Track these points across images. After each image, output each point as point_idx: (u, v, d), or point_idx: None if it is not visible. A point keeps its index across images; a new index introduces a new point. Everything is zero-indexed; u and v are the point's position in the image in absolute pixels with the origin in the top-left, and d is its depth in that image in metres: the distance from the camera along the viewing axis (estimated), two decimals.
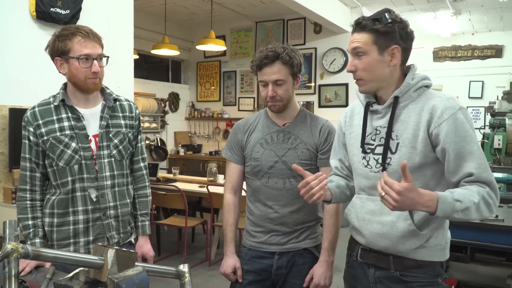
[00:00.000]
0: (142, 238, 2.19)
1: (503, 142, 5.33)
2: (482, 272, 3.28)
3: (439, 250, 1.65)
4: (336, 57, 7.44)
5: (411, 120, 1.60)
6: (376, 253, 1.70)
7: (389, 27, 1.58)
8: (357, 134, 1.76)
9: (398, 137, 1.61)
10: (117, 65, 2.40)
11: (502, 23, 7.76)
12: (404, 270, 1.64)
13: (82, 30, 1.89)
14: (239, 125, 2.20)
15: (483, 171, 1.51)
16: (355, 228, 1.77)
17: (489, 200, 1.49)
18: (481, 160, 1.52)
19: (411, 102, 1.62)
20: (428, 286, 1.63)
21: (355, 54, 1.62)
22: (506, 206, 3.31)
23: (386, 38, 1.59)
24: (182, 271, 1.30)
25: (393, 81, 1.65)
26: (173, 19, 8.17)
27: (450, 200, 1.44)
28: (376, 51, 1.59)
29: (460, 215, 1.46)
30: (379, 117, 1.69)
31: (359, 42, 1.60)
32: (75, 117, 1.95)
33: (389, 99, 1.64)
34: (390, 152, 1.62)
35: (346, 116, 1.87)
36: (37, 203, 1.99)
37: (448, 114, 1.53)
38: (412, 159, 1.57)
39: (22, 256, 0.96)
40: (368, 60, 1.60)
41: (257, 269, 2.09)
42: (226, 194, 2.19)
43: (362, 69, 1.62)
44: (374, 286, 1.72)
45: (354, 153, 1.76)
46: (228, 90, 8.85)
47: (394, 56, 1.61)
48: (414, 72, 1.67)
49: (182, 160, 8.46)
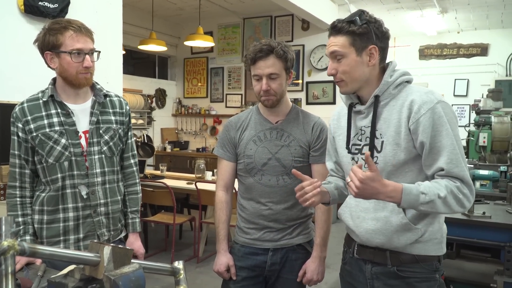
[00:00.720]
0: (132, 235, 2.17)
1: (488, 140, 5.39)
2: (469, 268, 3.32)
3: (436, 244, 1.66)
4: (324, 54, 7.45)
5: (393, 118, 1.62)
6: (373, 248, 1.71)
7: (365, 28, 1.60)
8: (344, 136, 1.77)
9: (382, 135, 1.63)
10: (106, 60, 2.37)
11: (488, 21, 7.84)
12: (401, 265, 1.65)
13: (74, 24, 1.86)
14: (231, 122, 2.19)
15: (454, 166, 1.52)
16: (350, 228, 1.78)
17: (459, 195, 1.51)
18: (454, 155, 1.53)
19: (392, 99, 1.64)
20: (425, 281, 1.64)
21: (334, 57, 1.65)
22: (493, 203, 3.35)
23: (363, 39, 1.61)
24: (177, 268, 1.30)
25: (373, 80, 1.67)
26: (160, 15, 8.11)
27: (415, 192, 1.48)
28: (354, 53, 1.61)
29: (426, 207, 1.49)
30: (363, 117, 1.71)
31: (337, 46, 1.62)
32: (65, 113, 1.92)
33: (370, 98, 1.66)
34: (376, 151, 1.64)
35: (334, 120, 1.90)
36: (27, 200, 1.96)
37: (425, 109, 1.55)
38: (397, 156, 1.59)
39: (19, 253, 0.94)
40: (347, 62, 1.62)
41: (250, 265, 2.09)
42: (218, 191, 2.19)
43: (342, 72, 1.64)
44: (371, 282, 1.72)
45: (343, 154, 1.78)
46: (216, 87, 8.82)
47: (372, 56, 1.63)
48: (392, 69, 1.68)
49: (169, 157, 8.42)
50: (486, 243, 2.93)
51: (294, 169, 1.72)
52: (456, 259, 3.49)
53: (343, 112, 1.84)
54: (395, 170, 1.61)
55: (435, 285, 1.65)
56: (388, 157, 1.60)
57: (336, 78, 1.67)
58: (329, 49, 1.65)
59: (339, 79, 1.66)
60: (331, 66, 1.67)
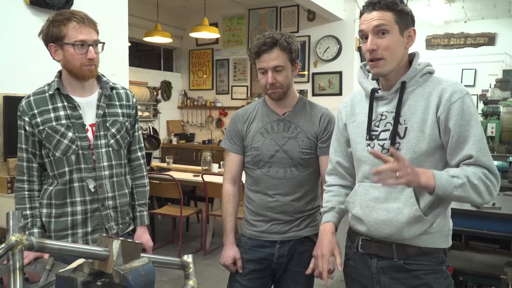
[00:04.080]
0: (140, 228, 2.17)
1: (496, 130, 5.36)
2: (478, 259, 3.30)
3: (443, 236, 1.64)
4: (330, 45, 7.40)
5: (419, 105, 1.59)
6: (378, 242, 1.69)
7: (407, 8, 1.57)
8: (360, 122, 1.74)
9: (406, 121, 1.60)
10: (112, 52, 2.36)
11: (495, 10, 7.76)
12: (408, 258, 1.63)
13: (77, 15, 1.83)
14: (238, 114, 2.18)
15: (482, 155, 1.51)
16: (357, 217, 1.74)
17: (487, 182, 1.50)
18: (482, 144, 1.53)
19: (418, 87, 1.62)
20: (433, 273, 1.62)
21: (377, 32, 1.56)
22: (502, 194, 3.33)
23: (407, 19, 1.59)
24: (187, 262, 1.28)
25: (402, 65, 1.64)
26: (165, 6, 8.08)
27: (446, 176, 1.47)
28: (397, 31, 1.57)
29: (460, 192, 1.47)
30: (385, 103, 1.68)
31: (383, 20, 1.55)
32: (71, 106, 1.91)
33: (396, 84, 1.63)
34: (399, 137, 1.61)
35: (347, 106, 1.84)
36: (35, 193, 1.95)
37: (456, 98, 1.53)
38: (420, 143, 1.57)
39: (27, 248, 0.93)
40: (391, 39, 1.56)
41: (258, 258, 2.08)
42: (226, 184, 2.17)
43: (385, 48, 1.56)
44: (377, 276, 1.70)
45: (358, 141, 1.74)
46: (221, 79, 8.79)
47: (411, 39, 1.61)
48: (419, 59, 1.66)
49: (175, 149, 8.42)
50: (496, 234, 2.91)
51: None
52: (465, 250, 3.47)
53: (357, 99, 1.81)
54: (415, 158, 1.57)
55: (442, 276, 1.63)
56: (411, 143, 1.58)
57: (376, 55, 1.57)
58: (372, 23, 1.55)
59: (380, 56, 1.57)
60: (373, 41, 1.56)
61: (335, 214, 1.84)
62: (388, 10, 1.56)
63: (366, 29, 1.59)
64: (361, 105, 1.77)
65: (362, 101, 1.77)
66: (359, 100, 1.80)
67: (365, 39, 1.61)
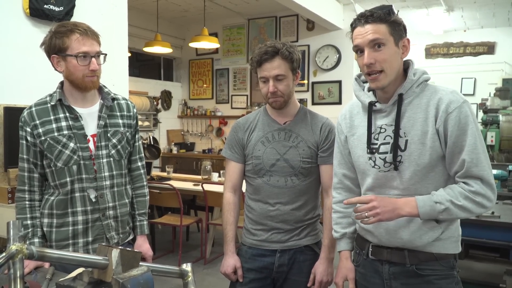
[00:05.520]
0: (140, 237, 2.17)
1: (496, 139, 5.37)
2: (478, 268, 3.29)
3: (453, 242, 1.65)
4: (329, 54, 7.44)
5: (418, 117, 1.59)
6: (389, 248, 1.68)
7: (400, 19, 1.57)
8: (360, 135, 1.74)
9: (406, 134, 1.60)
10: (112, 63, 2.37)
11: (495, 19, 7.79)
12: (420, 263, 1.63)
13: (80, 27, 1.85)
14: (239, 123, 2.19)
15: (474, 166, 1.52)
16: (366, 229, 1.73)
17: (476, 199, 1.52)
18: (475, 154, 1.52)
19: (415, 98, 1.62)
20: (445, 278, 1.62)
21: (373, 45, 1.55)
22: (501, 203, 3.33)
23: (400, 29, 1.58)
24: (186, 271, 1.29)
25: (398, 76, 1.63)
26: (165, 17, 8.13)
27: (429, 203, 1.52)
28: (393, 42, 1.57)
29: (445, 216, 1.53)
30: (383, 116, 1.67)
31: (378, 33, 1.54)
32: (73, 117, 1.92)
33: (393, 96, 1.63)
34: (400, 150, 1.61)
35: (346, 119, 1.84)
36: (36, 203, 1.96)
37: (452, 108, 1.54)
38: (422, 155, 1.57)
39: (27, 257, 0.94)
40: (388, 51, 1.55)
41: (258, 267, 2.08)
42: (226, 193, 2.18)
43: (383, 61, 1.55)
44: (388, 282, 1.69)
45: (359, 154, 1.74)
46: (221, 88, 8.83)
47: (406, 49, 1.61)
48: (414, 68, 1.66)
49: (175, 159, 8.43)
50: (495, 243, 2.91)
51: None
52: (464, 259, 3.46)
53: (355, 110, 1.80)
54: (419, 171, 1.58)
55: (453, 282, 1.64)
56: (413, 156, 1.58)
57: (375, 68, 1.56)
58: (367, 37, 1.54)
59: (379, 68, 1.56)
60: (370, 55, 1.55)
61: (347, 240, 1.88)
62: (381, 22, 1.55)
63: (361, 43, 1.58)
64: (359, 118, 1.77)
65: (360, 113, 1.77)
66: (357, 112, 1.79)
67: (360, 53, 1.61)
